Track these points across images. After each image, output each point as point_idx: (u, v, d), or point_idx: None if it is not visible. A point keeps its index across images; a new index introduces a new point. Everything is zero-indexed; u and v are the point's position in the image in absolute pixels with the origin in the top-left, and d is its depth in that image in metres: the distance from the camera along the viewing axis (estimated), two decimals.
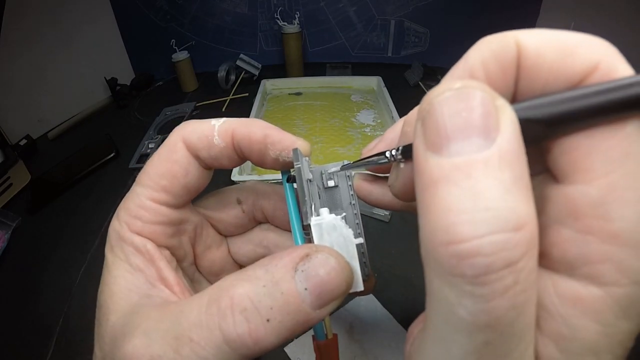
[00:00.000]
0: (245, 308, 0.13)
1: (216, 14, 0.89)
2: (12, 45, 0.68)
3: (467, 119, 0.09)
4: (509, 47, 0.10)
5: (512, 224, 0.08)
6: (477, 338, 0.09)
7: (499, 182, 0.08)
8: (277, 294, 0.14)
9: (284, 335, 0.14)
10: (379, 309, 0.35)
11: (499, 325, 0.09)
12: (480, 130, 0.09)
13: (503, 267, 0.08)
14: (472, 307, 0.08)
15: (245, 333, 0.13)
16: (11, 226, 0.50)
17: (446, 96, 0.09)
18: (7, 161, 0.63)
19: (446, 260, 0.09)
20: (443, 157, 0.09)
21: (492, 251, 0.08)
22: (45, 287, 0.43)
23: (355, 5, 0.88)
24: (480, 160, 0.08)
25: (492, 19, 0.84)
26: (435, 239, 0.09)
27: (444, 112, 0.09)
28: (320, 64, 0.93)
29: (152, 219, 0.18)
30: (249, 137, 0.17)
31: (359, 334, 0.33)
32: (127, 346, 0.15)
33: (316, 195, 0.18)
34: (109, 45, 0.88)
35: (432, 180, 0.09)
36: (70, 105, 0.80)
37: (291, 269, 0.14)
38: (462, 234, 0.08)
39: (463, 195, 0.08)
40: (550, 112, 0.09)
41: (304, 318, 0.14)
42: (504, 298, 0.08)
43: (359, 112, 0.69)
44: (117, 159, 0.64)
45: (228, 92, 0.81)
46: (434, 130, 0.09)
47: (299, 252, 0.14)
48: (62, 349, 0.36)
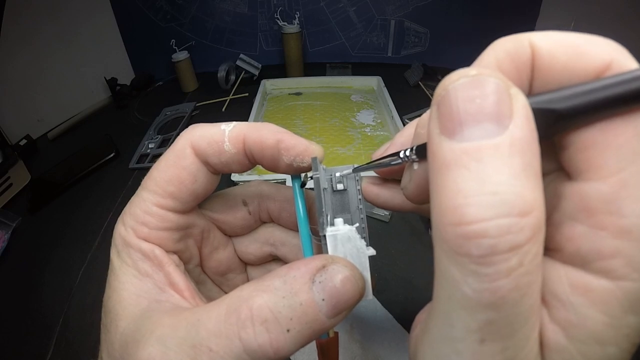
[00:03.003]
0: (266, 319, 0.14)
1: (216, 14, 0.89)
2: (12, 45, 0.68)
3: (480, 105, 0.09)
4: (523, 48, 0.11)
5: (518, 209, 0.08)
6: (481, 316, 0.09)
7: (507, 168, 0.09)
8: (296, 305, 0.14)
9: (301, 344, 0.14)
10: (379, 309, 0.35)
11: (502, 305, 0.09)
12: (492, 117, 0.09)
13: (508, 250, 0.08)
14: (477, 286, 0.09)
15: (266, 343, 0.14)
16: (11, 226, 0.50)
17: (461, 82, 0.09)
18: (7, 161, 0.63)
19: (453, 239, 0.09)
20: (455, 141, 0.09)
21: (497, 234, 0.08)
22: (45, 287, 0.43)
23: (355, 5, 0.88)
24: (490, 145, 0.09)
25: (492, 19, 0.84)
26: (444, 219, 0.09)
27: (458, 97, 0.09)
28: (320, 64, 0.93)
29: (159, 225, 0.18)
30: (260, 143, 0.17)
31: (359, 334, 0.33)
32: (141, 353, 0.15)
33: (329, 203, 0.18)
34: (109, 45, 0.88)
35: (443, 164, 0.09)
36: (70, 105, 0.80)
37: (309, 280, 0.14)
38: (469, 216, 0.09)
39: (472, 178, 0.09)
40: (564, 104, 0.09)
41: (320, 327, 0.14)
42: (508, 279, 0.09)
43: (359, 112, 0.69)
44: (117, 159, 0.64)
45: (228, 92, 0.81)
46: (447, 115, 0.09)
47: (316, 264, 0.15)
48: (62, 349, 0.36)
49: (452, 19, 0.86)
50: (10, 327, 0.39)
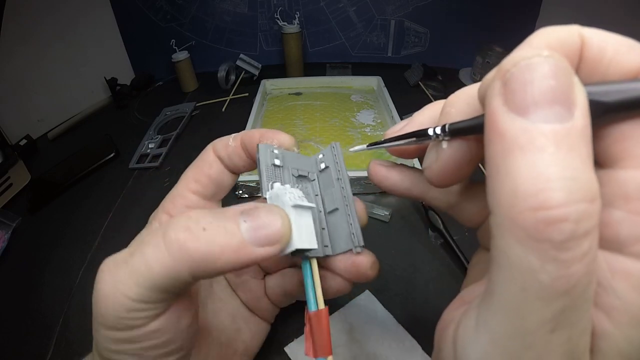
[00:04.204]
0: (190, 217, 0.16)
1: (216, 14, 0.89)
2: (12, 45, 0.68)
3: (554, 87, 0.09)
4: (574, 37, 0.11)
5: (590, 195, 0.09)
6: (556, 305, 0.09)
7: (578, 155, 0.09)
8: (220, 216, 0.16)
9: (215, 250, 0.15)
10: (379, 309, 0.35)
11: (574, 291, 0.09)
12: (564, 101, 0.09)
13: (583, 235, 0.09)
14: (555, 273, 0.09)
15: (182, 237, 0.15)
16: (11, 226, 0.50)
17: (535, 61, 0.09)
18: (7, 161, 0.63)
19: (533, 225, 0.09)
20: (529, 121, 0.09)
21: (577, 218, 0.08)
22: (45, 287, 0.43)
23: (355, 5, 0.88)
24: (565, 130, 0.09)
25: (492, 19, 0.84)
26: (521, 204, 0.09)
27: (533, 77, 0.09)
28: (320, 64, 0.93)
29: (183, 203, 0.22)
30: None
31: (359, 334, 0.33)
32: None
33: (284, 177, 0.21)
34: (109, 45, 0.88)
35: (516, 143, 0.09)
36: (70, 105, 0.80)
37: (239, 212, 0.16)
38: (552, 200, 0.08)
39: (553, 162, 0.09)
40: (613, 97, 0.10)
41: (237, 242, 0.15)
42: (581, 264, 0.09)
43: (359, 112, 0.69)
44: (117, 159, 0.64)
45: (228, 92, 0.81)
46: (520, 93, 0.09)
47: (250, 204, 0.17)
48: (62, 349, 0.36)
49: (452, 19, 0.86)
50: (10, 327, 0.39)
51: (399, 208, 0.49)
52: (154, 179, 0.59)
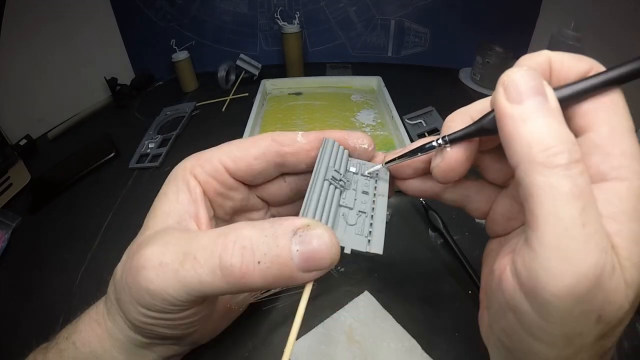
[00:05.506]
0: (244, 246, 0.17)
1: (216, 14, 0.89)
2: (12, 45, 0.68)
3: (534, 85, 0.15)
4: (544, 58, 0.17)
5: (571, 138, 0.14)
6: (578, 204, 0.13)
7: (556, 120, 0.15)
8: (273, 245, 0.17)
9: (267, 281, 0.17)
10: (379, 309, 0.35)
11: (584, 195, 0.14)
12: (541, 92, 0.15)
13: (576, 160, 0.14)
14: (570, 184, 0.14)
15: (237, 265, 0.17)
16: (11, 226, 0.50)
17: (522, 72, 0.15)
18: (7, 161, 0.63)
19: (546, 159, 0.14)
20: (524, 106, 0.15)
21: (569, 150, 0.14)
22: (45, 287, 0.43)
23: (355, 5, 0.88)
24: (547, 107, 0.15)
25: (492, 19, 0.84)
26: (533, 149, 0.14)
27: (522, 81, 0.15)
28: (320, 64, 0.93)
29: (211, 172, 0.22)
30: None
31: (359, 334, 0.33)
32: (145, 250, 0.19)
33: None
34: (109, 45, 0.88)
35: (519, 119, 0.15)
36: (70, 105, 0.80)
37: (291, 231, 0.17)
38: (551, 144, 0.14)
39: (544, 124, 0.14)
40: (570, 90, 0.16)
41: (288, 272, 0.17)
42: (582, 178, 0.14)
43: (359, 112, 0.69)
44: (117, 159, 0.64)
45: (228, 92, 0.81)
46: (515, 90, 0.15)
47: (303, 222, 0.17)
48: None
49: (452, 19, 0.86)
50: (9, 327, 0.39)
51: (399, 208, 0.49)
52: (154, 179, 0.59)
